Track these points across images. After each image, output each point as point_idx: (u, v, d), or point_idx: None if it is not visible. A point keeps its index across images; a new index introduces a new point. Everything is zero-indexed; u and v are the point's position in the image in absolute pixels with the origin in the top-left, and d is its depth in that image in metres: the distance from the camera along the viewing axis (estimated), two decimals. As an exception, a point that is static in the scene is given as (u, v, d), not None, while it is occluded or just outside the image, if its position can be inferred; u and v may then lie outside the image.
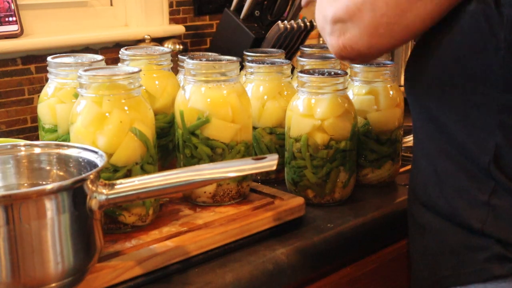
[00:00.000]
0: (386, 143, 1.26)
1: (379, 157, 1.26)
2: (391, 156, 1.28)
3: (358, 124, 1.24)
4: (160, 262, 0.93)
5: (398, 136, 1.28)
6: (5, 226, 0.74)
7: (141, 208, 1.00)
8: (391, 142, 1.27)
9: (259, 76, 1.25)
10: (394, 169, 1.29)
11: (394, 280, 1.26)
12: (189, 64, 1.09)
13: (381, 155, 1.26)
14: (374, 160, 1.27)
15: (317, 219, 1.12)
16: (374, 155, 1.26)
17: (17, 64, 1.53)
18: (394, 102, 1.25)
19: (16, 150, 0.92)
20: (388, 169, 1.28)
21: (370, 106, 1.24)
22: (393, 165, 1.28)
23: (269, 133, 1.25)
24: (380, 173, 1.27)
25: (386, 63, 1.27)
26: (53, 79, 1.12)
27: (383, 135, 1.26)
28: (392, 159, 1.28)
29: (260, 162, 0.88)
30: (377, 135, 1.25)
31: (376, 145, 1.26)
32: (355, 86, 1.26)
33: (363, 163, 1.26)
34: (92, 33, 1.66)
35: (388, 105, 1.25)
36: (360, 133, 1.24)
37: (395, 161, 1.29)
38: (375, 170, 1.27)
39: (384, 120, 1.25)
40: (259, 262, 0.98)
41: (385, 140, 1.26)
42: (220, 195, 1.10)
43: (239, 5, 1.68)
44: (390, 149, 1.27)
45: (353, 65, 1.26)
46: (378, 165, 1.27)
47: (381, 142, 1.26)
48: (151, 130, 1.01)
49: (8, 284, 0.76)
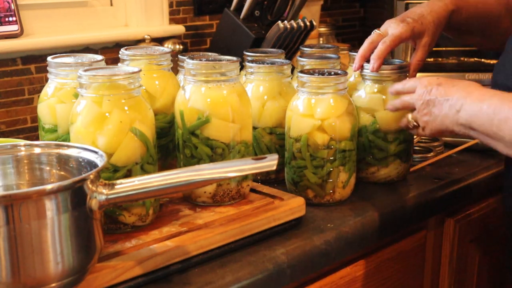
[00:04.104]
0: (394, 142, 1.26)
1: (386, 155, 1.26)
2: (399, 155, 1.27)
3: (367, 122, 1.24)
4: (160, 262, 0.93)
5: (408, 136, 1.27)
6: (5, 226, 0.74)
7: (141, 208, 1.00)
8: (399, 142, 1.26)
9: (259, 76, 1.25)
10: (403, 168, 1.29)
11: (394, 280, 1.26)
12: (189, 64, 1.09)
13: (389, 153, 1.26)
14: (382, 159, 1.26)
15: (317, 219, 1.12)
16: (382, 154, 1.26)
17: (17, 64, 1.53)
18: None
19: (16, 150, 0.92)
20: (395, 168, 1.28)
21: (379, 105, 1.24)
22: (401, 164, 1.28)
23: (269, 133, 1.25)
24: (387, 172, 1.28)
25: (396, 62, 1.27)
26: (53, 79, 1.12)
27: (391, 134, 1.25)
28: (401, 158, 1.28)
29: (260, 162, 0.88)
30: (385, 133, 1.25)
31: (384, 144, 1.26)
32: (366, 85, 1.26)
33: (370, 161, 1.26)
34: (92, 33, 1.66)
35: None
36: (369, 131, 1.25)
37: (404, 160, 1.28)
38: (382, 168, 1.27)
39: (392, 119, 1.24)
40: (259, 262, 0.98)
41: (393, 139, 1.26)
42: (220, 195, 1.10)
43: (239, 5, 1.68)
44: (398, 148, 1.26)
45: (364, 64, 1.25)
46: (385, 163, 1.27)
47: (388, 141, 1.26)
48: (151, 130, 1.01)
49: (8, 284, 0.76)
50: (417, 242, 1.30)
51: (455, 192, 1.32)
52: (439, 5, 1.24)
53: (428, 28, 1.22)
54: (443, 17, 1.24)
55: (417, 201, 1.25)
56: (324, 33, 2.14)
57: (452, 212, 1.37)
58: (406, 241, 1.27)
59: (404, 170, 1.30)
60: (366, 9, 2.36)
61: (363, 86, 1.26)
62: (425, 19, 1.22)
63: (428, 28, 1.22)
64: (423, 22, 1.22)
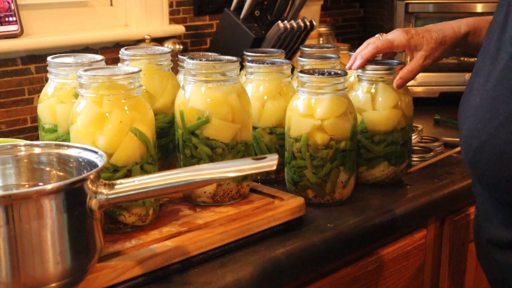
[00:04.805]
0: (381, 143, 1.25)
1: (372, 156, 1.26)
2: (387, 157, 1.26)
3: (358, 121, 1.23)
4: (160, 262, 0.93)
5: (397, 138, 1.25)
6: (5, 226, 0.74)
7: (141, 208, 1.00)
8: (387, 144, 1.25)
9: (259, 76, 1.25)
10: (391, 171, 1.27)
11: (394, 280, 1.26)
12: (189, 64, 1.09)
13: (375, 155, 1.26)
14: (368, 159, 1.26)
15: (317, 219, 1.12)
16: (368, 154, 1.26)
17: (17, 64, 1.53)
18: (391, 103, 1.24)
19: (16, 150, 0.92)
20: (382, 170, 1.27)
21: (366, 105, 1.24)
22: (389, 166, 1.27)
23: (269, 133, 1.25)
24: (373, 173, 1.27)
25: (391, 62, 1.27)
26: (53, 79, 1.12)
27: (378, 135, 1.25)
28: (389, 160, 1.26)
29: (260, 162, 0.88)
30: (372, 134, 1.25)
31: (370, 144, 1.25)
32: (362, 86, 1.26)
33: (358, 160, 1.26)
34: (92, 33, 1.66)
35: (385, 106, 1.24)
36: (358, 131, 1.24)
37: (393, 163, 1.27)
38: (369, 169, 1.27)
39: (378, 120, 1.23)
40: (259, 262, 0.98)
41: (379, 141, 1.25)
42: (220, 195, 1.10)
43: (239, 5, 1.68)
44: (385, 150, 1.25)
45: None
46: (372, 165, 1.26)
47: (375, 141, 1.25)
48: (151, 130, 1.01)
49: (8, 284, 0.76)
50: (417, 242, 1.30)
51: (455, 192, 1.32)
52: (451, 25, 1.25)
53: (428, 43, 1.22)
54: (450, 37, 1.23)
55: (417, 201, 1.24)
56: (324, 33, 2.14)
57: (452, 212, 1.37)
58: (406, 241, 1.27)
59: (393, 173, 1.28)
60: (366, 9, 2.36)
61: (360, 87, 1.26)
62: (428, 34, 1.23)
63: (427, 43, 1.22)
64: (425, 36, 1.23)
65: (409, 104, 1.27)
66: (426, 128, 1.70)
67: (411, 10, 1.95)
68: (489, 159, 0.92)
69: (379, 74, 1.24)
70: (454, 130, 1.68)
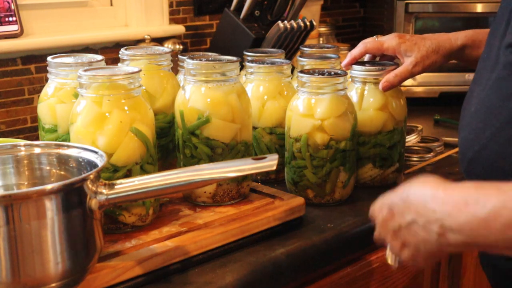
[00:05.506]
0: (366, 145, 1.24)
1: (358, 157, 1.24)
2: (372, 159, 1.25)
3: None
4: (160, 262, 0.93)
5: (383, 141, 1.24)
6: (5, 226, 0.74)
7: (141, 208, 1.00)
8: (372, 145, 1.24)
9: (259, 76, 1.25)
10: (376, 173, 1.26)
11: (394, 280, 1.26)
12: (189, 64, 1.09)
13: (360, 156, 1.25)
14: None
15: (317, 219, 1.12)
16: None
17: (17, 64, 1.53)
18: (377, 104, 1.23)
19: (16, 150, 0.93)
20: (365, 172, 1.26)
21: (357, 105, 1.23)
22: (373, 169, 1.26)
23: (269, 133, 1.25)
24: (359, 174, 1.26)
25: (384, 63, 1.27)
26: (53, 79, 1.12)
27: (362, 136, 1.24)
28: (373, 162, 1.25)
29: (260, 162, 0.88)
30: (359, 135, 1.23)
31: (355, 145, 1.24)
32: (356, 87, 1.25)
33: None
34: (92, 33, 1.66)
35: (370, 107, 1.23)
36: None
37: (378, 165, 1.25)
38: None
39: (362, 121, 1.23)
40: (259, 262, 0.98)
41: (363, 142, 1.24)
42: (220, 195, 1.10)
43: (239, 5, 1.68)
44: (370, 152, 1.24)
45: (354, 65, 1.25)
46: (357, 165, 1.26)
47: (359, 142, 1.24)
48: (151, 130, 1.01)
49: (8, 284, 0.76)
50: (417, 242, 1.29)
51: (455, 192, 1.32)
52: (448, 37, 1.24)
53: (420, 50, 1.22)
54: (444, 48, 1.23)
55: (417, 201, 1.24)
56: (324, 33, 2.14)
57: (452, 212, 1.37)
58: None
59: (379, 175, 1.26)
60: (366, 9, 2.36)
61: (353, 88, 1.26)
62: (421, 42, 1.23)
63: (419, 50, 1.22)
64: (417, 43, 1.22)
65: (400, 107, 1.25)
66: (426, 128, 1.70)
67: (411, 10, 1.95)
68: (481, 170, 0.90)
69: (368, 74, 1.24)
70: (454, 130, 1.68)
